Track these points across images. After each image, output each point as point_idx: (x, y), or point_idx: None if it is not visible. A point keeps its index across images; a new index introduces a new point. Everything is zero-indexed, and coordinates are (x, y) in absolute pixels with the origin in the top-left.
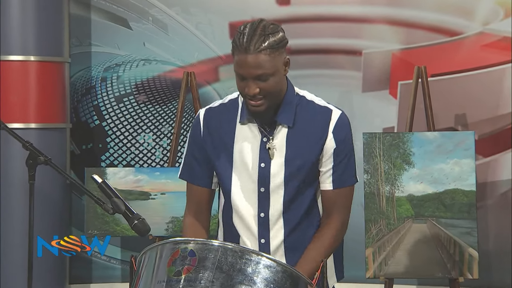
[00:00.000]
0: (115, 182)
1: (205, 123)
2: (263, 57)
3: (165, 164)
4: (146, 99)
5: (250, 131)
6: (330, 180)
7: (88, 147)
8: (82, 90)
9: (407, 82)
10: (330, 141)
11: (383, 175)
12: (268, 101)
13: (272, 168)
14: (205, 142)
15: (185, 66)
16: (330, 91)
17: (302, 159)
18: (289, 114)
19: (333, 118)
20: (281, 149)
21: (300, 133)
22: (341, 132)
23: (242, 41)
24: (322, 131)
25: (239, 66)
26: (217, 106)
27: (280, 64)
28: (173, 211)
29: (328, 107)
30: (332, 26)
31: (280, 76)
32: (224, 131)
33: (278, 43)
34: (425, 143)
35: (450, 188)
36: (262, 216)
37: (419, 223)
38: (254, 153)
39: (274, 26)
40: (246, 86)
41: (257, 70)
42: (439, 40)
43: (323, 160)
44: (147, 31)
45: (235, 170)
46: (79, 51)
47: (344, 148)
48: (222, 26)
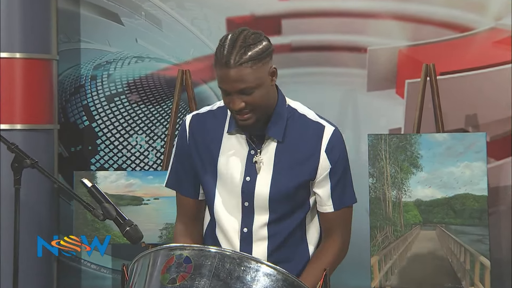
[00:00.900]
0: (105, 187)
1: (191, 130)
2: (245, 70)
3: (159, 167)
4: (139, 98)
5: (238, 142)
6: (330, 202)
7: (77, 150)
8: (71, 89)
9: (414, 80)
10: (324, 161)
11: (389, 179)
12: (256, 114)
13: (257, 183)
14: (191, 150)
15: (180, 64)
16: (333, 90)
17: (290, 177)
18: (279, 128)
19: (325, 135)
20: (268, 164)
21: (290, 149)
22: (335, 151)
23: (223, 54)
24: (313, 149)
25: (221, 80)
26: (204, 113)
27: (264, 75)
28: (167, 217)
29: (320, 122)
30: (335, 22)
31: (266, 87)
32: (210, 140)
33: (260, 53)
34: (433, 145)
35: (461, 193)
36: (245, 231)
37: (427, 230)
38: (240, 165)
39: (256, 35)
40: (231, 100)
41: (239, 84)
42: (449, 36)
43: (318, 181)
44: (139, 26)
45: (219, 182)
46: (67, 48)
47: (340, 167)
48: (219, 21)
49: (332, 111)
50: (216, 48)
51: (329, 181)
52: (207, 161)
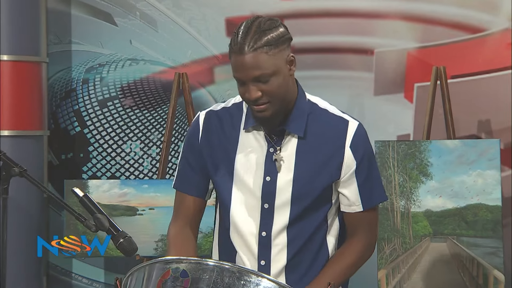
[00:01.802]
0: (98, 196)
1: (205, 127)
2: (260, 56)
3: (154, 176)
4: (133, 103)
5: (255, 140)
6: (359, 202)
7: (68, 157)
8: (61, 93)
9: (424, 84)
10: (348, 158)
11: (397, 188)
12: (273, 105)
13: (278, 182)
14: (203, 149)
15: (176, 67)
16: (338, 94)
17: (313, 176)
18: (300, 123)
19: (349, 130)
20: (289, 163)
21: (312, 145)
22: (361, 147)
23: (237, 41)
24: (337, 146)
25: (235, 69)
26: (219, 110)
27: (281, 62)
28: (163, 229)
29: (343, 117)
30: (340, 22)
31: (284, 76)
32: (225, 138)
33: (276, 39)
34: (444, 153)
35: (473, 203)
36: (264, 235)
37: (438, 242)
38: (259, 165)
39: (272, 21)
40: (247, 90)
41: (254, 71)
42: (460, 37)
43: (343, 180)
44: (134, 27)
45: (236, 183)
46: (58, 50)
47: (365, 164)
48: (217, 22)
49: None
50: (231, 38)
51: (355, 180)
52: (223, 161)
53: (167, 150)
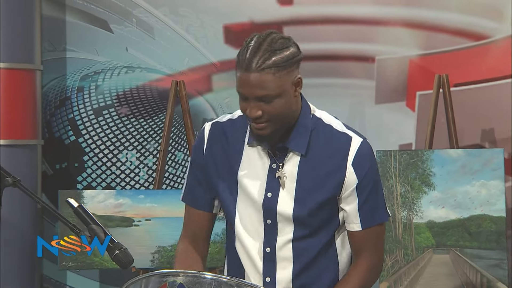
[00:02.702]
0: (93, 207)
1: (210, 139)
2: (267, 76)
3: (151, 186)
4: (129, 112)
5: (259, 155)
6: (357, 220)
7: (62, 167)
8: (56, 101)
9: (426, 92)
10: (350, 175)
11: (399, 198)
12: (273, 125)
13: (280, 199)
14: (208, 161)
15: (173, 74)
16: (338, 103)
17: (314, 194)
18: (302, 140)
19: (352, 147)
20: (291, 180)
21: (314, 163)
22: (363, 164)
23: (245, 57)
24: (339, 163)
25: (240, 84)
26: (225, 122)
27: (287, 84)
28: (160, 240)
29: (347, 133)
30: (341, 29)
31: (288, 97)
32: (230, 151)
33: (286, 60)
34: (447, 162)
35: (476, 214)
36: (268, 251)
37: (440, 253)
38: (261, 180)
39: (284, 40)
40: (248, 106)
41: (259, 91)
42: (464, 44)
43: (344, 197)
44: (130, 34)
45: (240, 197)
46: (52, 57)
47: (368, 181)
48: (215, 29)
49: None
50: (240, 49)
51: (357, 197)
52: (227, 174)
53: (163, 159)
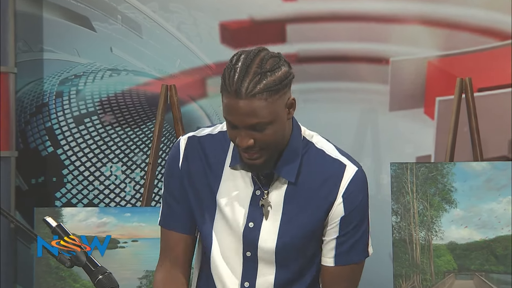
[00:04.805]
0: (73, 226)
1: (186, 155)
2: (258, 102)
3: (138, 203)
4: (114, 120)
5: (241, 179)
6: (332, 255)
7: (38, 181)
8: (32, 108)
9: (447, 98)
10: (338, 206)
11: (416, 217)
12: (266, 153)
13: (262, 230)
14: (184, 177)
15: (163, 78)
16: (348, 110)
17: (301, 225)
18: (291, 167)
19: (345, 177)
20: (277, 209)
21: (303, 191)
22: (355, 197)
23: (232, 81)
24: (329, 192)
25: (227, 111)
26: (203, 136)
27: (281, 108)
28: (148, 263)
29: (341, 160)
30: (351, 27)
31: (282, 122)
32: (208, 169)
33: (278, 83)
34: (470, 177)
35: (503, 235)
36: (247, 286)
37: (463, 279)
38: (243, 207)
39: (274, 59)
40: (238, 135)
41: (250, 119)
42: (488, 44)
43: (327, 228)
44: (115, 33)
45: (217, 222)
46: (28, 59)
47: (355, 217)
48: (210, 27)
49: (348, 135)
50: (224, 69)
51: (338, 231)
52: (205, 196)
53: (152, 173)
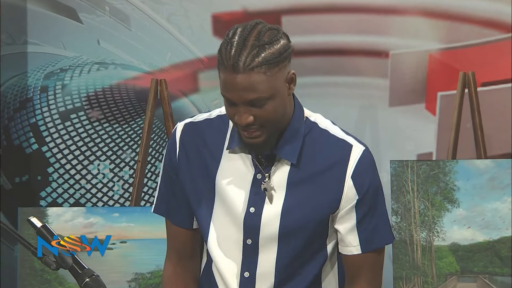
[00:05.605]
0: (59, 227)
1: (182, 142)
2: (257, 76)
3: (127, 202)
4: (102, 115)
5: (241, 162)
6: (356, 242)
7: (22, 180)
8: (15, 103)
9: (449, 93)
10: (349, 190)
11: (417, 217)
12: (267, 131)
13: (264, 215)
14: (180, 167)
15: (153, 72)
16: (346, 105)
17: (306, 210)
18: (293, 147)
19: (353, 157)
20: (279, 192)
21: (307, 173)
22: (365, 177)
23: (229, 55)
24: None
25: (225, 88)
26: (200, 121)
27: (281, 83)
28: (137, 266)
29: (346, 140)
30: (349, 19)
31: (282, 98)
32: (206, 155)
33: (277, 55)
34: (473, 175)
35: (508, 235)
36: (247, 276)
37: (466, 281)
38: (243, 192)
39: (273, 31)
40: (237, 112)
41: (249, 94)
42: (492, 37)
43: (340, 215)
44: (102, 25)
45: (216, 211)
46: (11, 52)
47: (369, 197)
48: (202, 19)
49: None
50: (221, 44)
51: (355, 216)
52: (203, 184)
53: (142, 171)
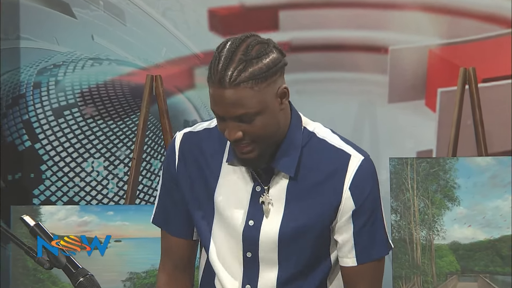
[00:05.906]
0: (52, 225)
1: (182, 152)
2: (244, 91)
3: (121, 200)
4: (96, 112)
5: (240, 175)
6: (352, 254)
7: (15, 178)
8: (8, 100)
9: (449, 89)
10: (347, 200)
11: (417, 215)
12: (259, 147)
13: (263, 229)
14: (179, 177)
15: (148, 68)
16: (345, 102)
17: (304, 222)
18: (290, 159)
19: (350, 167)
20: (278, 205)
21: (306, 186)
22: (362, 188)
23: (216, 70)
24: (334, 186)
25: (213, 102)
26: (200, 131)
27: (270, 98)
28: (132, 265)
29: (344, 150)
30: (347, 14)
31: (272, 113)
32: (205, 166)
33: (265, 70)
34: (474, 172)
35: (509, 234)
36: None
37: (467, 281)
38: (242, 205)
39: (262, 45)
40: (226, 127)
41: (236, 109)
42: (493, 32)
43: (338, 226)
44: (96, 20)
45: (216, 222)
46: (3, 47)
47: (367, 208)
48: (198, 13)
49: (344, 128)
50: (211, 59)
51: (352, 227)
52: (202, 195)
53: (136, 169)
